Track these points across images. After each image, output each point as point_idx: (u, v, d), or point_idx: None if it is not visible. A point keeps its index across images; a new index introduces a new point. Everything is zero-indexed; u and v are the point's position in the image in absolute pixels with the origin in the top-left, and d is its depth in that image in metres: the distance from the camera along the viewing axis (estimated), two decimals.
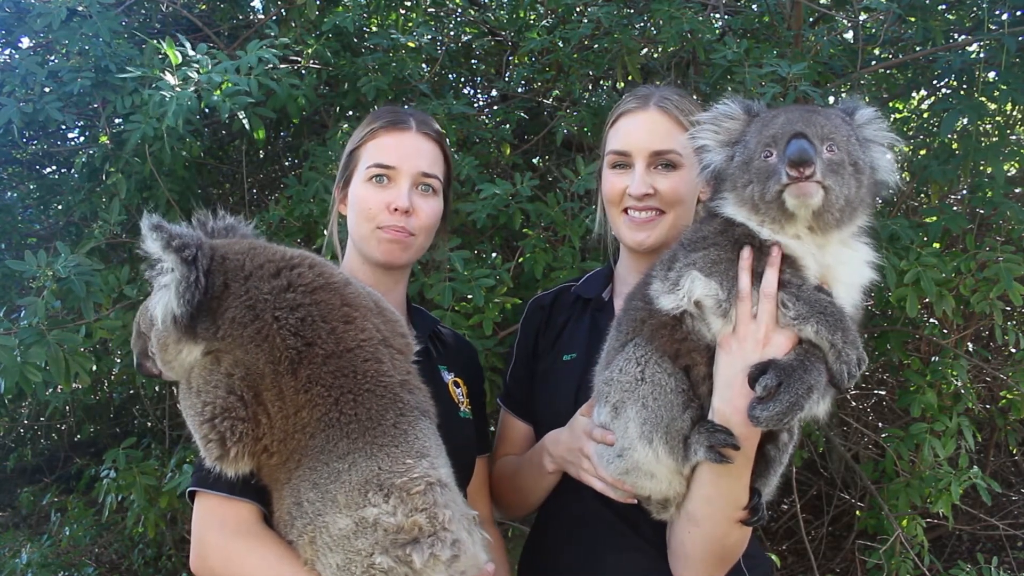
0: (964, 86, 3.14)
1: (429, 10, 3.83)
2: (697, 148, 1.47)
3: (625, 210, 1.75)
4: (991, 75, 3.07)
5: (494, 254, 3.28)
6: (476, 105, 4.15)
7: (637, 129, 1.74)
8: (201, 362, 1.45)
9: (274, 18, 3.52)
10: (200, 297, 1.41)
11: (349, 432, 1.37)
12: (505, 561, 1.82)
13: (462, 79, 4.10)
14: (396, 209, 1.71)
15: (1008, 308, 3.60)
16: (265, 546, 1.44)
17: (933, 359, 3.28)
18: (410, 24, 3.67)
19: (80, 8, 2.80)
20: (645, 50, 3.50)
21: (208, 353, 1.46)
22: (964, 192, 3.39)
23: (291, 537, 1.41)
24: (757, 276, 1.36)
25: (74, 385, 2.58)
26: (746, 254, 1.36)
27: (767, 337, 1.34)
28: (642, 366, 1.45)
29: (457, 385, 1.88)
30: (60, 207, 3.64)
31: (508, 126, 3.57)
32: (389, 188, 1.74)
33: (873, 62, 3.39)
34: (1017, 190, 3.84)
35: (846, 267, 1.40)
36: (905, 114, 4.15)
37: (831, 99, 3.48)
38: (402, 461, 1.36)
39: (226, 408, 1.40)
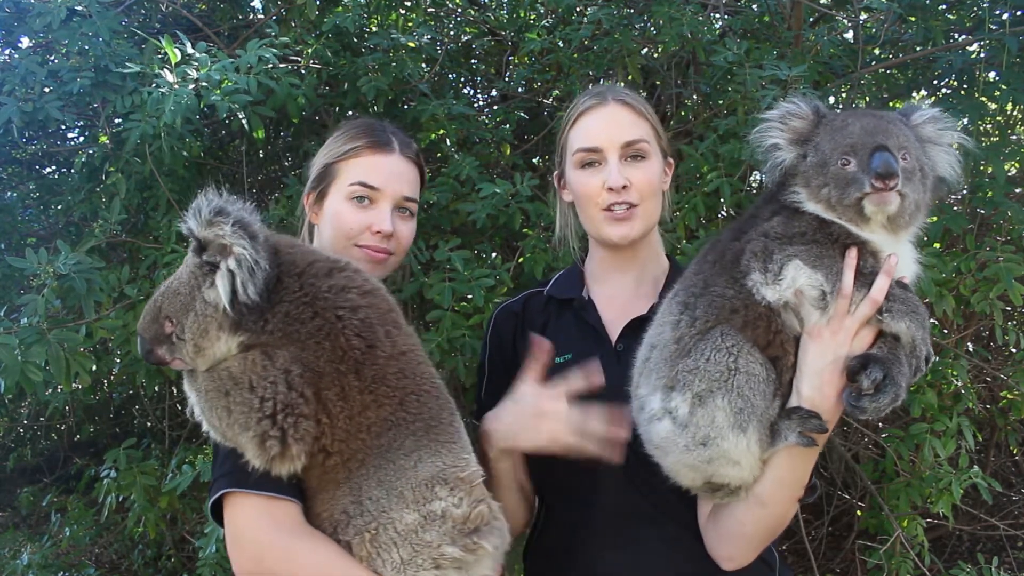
0: (964, 86, 3.13)
1: (429, 10, 3.83)
2: (768, 147, 1.53)
3: (608, 207, 1.76)
4: (992, 75, 3.07)
5: (494, 254, 3.28)
6: (476, 105, 4.15)
7: (603, 124, 1.78)
8: (250, 356, 1.41)
9: (274, 18, 3.51)
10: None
11: (415, 430, 1.44)
12: None
13: (462, 79, 4.10)
14: (378, 232, 1.75)
15: (1008, 308, 3.60)
16: (324, 543, 1.41)
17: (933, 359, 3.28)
18: (410, 24, 3.66)
19: (80, 8, 2.79)
20: (645, 50, 3.50)
21: (249, 347, 1.42)
22: (964, 192, 3.39)
23: (345, 537, 1.40)
24: (860, 276, 1.43)
25: (74, 385, 2.58)
26: (853, 253, 1.44)
27: (857, 332, 1.43)
28: (734, 356, 1.46)
29: None
30: (60, 207, 3.63)
31: (508, 126, 3.57)
32: (370, 209, 1.77)
33: (873, 62, 3.38)
34: (1017, 190, 3.83)
35: (904, 262, 1.49)
36: None
37: (831, 99, 3.48)
38: (461, 456, 1.47)
39: (288, 404, 1.37)
